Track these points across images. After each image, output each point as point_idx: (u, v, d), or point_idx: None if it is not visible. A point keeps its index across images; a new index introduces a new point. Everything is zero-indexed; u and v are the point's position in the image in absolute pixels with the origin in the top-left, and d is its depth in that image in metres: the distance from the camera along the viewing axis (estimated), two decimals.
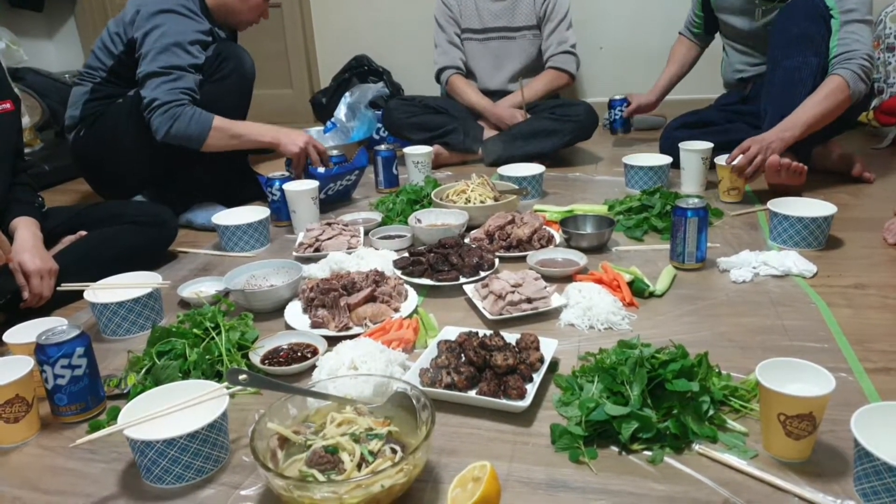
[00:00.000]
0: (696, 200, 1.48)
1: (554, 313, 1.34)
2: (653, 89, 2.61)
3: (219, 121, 1.91)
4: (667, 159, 2.07)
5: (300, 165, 2.04)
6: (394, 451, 0.85)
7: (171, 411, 0.95)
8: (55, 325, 1.09)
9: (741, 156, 1.85)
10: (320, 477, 0.81)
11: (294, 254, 1.71)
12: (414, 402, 0.91)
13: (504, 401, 1.02)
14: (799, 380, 0.91)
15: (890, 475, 0.78)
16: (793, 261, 1.46)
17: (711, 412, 0.96)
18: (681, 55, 2.58)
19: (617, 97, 2.67)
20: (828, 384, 0.87)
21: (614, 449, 0.94)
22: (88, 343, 1.07)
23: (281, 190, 1.91)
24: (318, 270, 1.54)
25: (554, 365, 1.15)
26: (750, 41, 2.24)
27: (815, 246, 1.58)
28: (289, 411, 0.93)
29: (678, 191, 2.00)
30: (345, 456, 0.83)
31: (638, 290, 1.39)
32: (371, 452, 0.84)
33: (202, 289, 1.51)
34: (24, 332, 1.20)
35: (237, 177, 2.17)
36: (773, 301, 1.35)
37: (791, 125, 1.84)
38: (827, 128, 1.91)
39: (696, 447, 0.93)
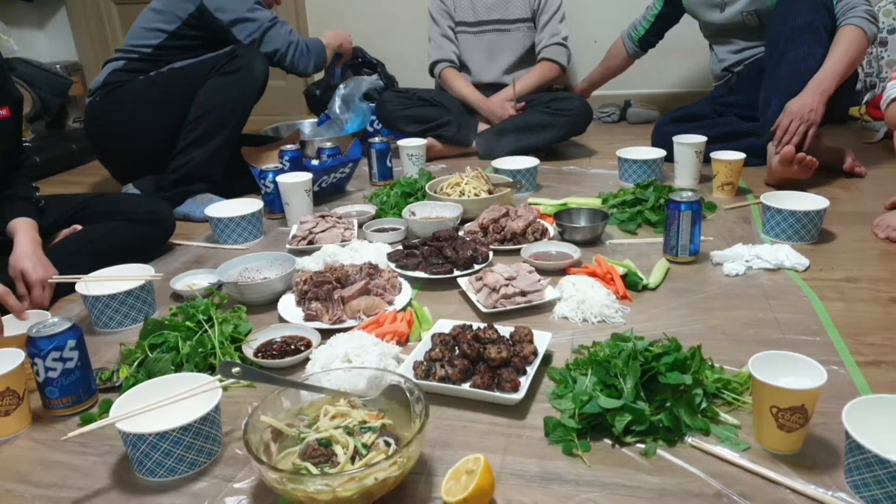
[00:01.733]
0: (689, 194, 1.48)
1: (548, 306, 1.34)
2: (584, 80, 2.84)
3: (322, 38, 2.31)
4: (661, 153, 2.07)
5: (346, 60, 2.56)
6: (387, 444, 0.85)
7: (164, 404, 0.94)
8: (46, 318, 1.08)
9: (787, 146, 1.85)
10: (314, 470, 0.81)
11: (287, 246, 1.70)
12: (408, 394, 0.91)
13: (498, 393, 1.02)
14: (791, 373, 0.91)
15: (880, 467, 0.78)
16: (785, 254, 1.47)
17: (704, 405, 0.97)
18: (610, 59, 2.72)
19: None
20: (819, 377, 0.88)
21: (607, 442, 0.95)
22: (80, 336, 1.06)
23: (274, 182, 1.90)
24: (311, 263, 1.54)
25: (548, 358, 1.15)
26: (728, 31, 2.30)
27: (808, 239, 1.59)
28: (282, 404, 0.93)
29: (672, 184, 2.01)
30: (338, 449, 0.83)
31: (631, 284, 1.39)
32: (365, 445, 0.84)
33: (195, 281, 1.50)
34: (15, 325, 1.19)
35: (231, 168, 2.16)
36: (765, 294, 1.36)
37: (822, 79, 1.88)
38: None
39: (689, 440, 0.94)
